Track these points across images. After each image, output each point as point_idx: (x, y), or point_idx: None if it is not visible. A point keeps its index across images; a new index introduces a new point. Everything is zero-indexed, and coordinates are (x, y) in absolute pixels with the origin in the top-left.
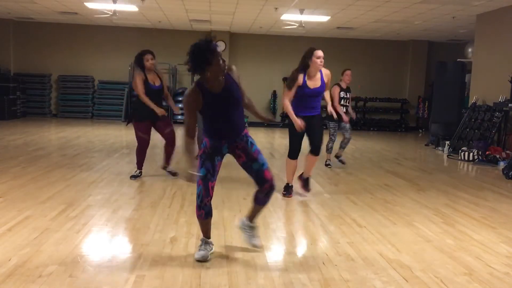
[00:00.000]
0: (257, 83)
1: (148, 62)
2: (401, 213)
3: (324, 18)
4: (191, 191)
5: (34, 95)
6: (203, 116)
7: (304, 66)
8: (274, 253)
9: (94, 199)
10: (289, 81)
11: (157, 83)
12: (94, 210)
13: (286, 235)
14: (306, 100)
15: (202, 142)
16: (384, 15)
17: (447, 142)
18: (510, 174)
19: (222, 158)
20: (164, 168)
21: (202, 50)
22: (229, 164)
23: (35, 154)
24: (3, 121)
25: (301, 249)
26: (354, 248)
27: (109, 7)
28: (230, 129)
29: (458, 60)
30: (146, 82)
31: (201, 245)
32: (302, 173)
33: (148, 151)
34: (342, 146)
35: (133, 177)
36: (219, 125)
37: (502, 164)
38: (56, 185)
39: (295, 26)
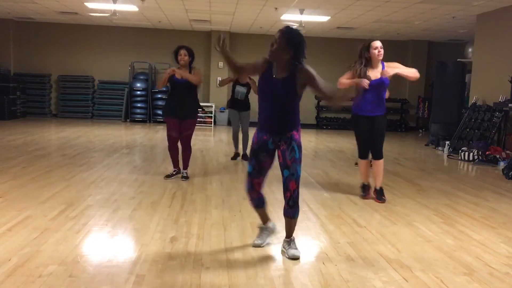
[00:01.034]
0: (257, 83)
1: (181, 56)
2: (401, 213)
3: (324, 18)
4: (191, 191)
5: (34, 95)
6: (258, 98)
7: (365, 61)
8: (274, 253)
9: (94, 199)
10: (351, 69)
11: (184, 78)
12: (94, 210)
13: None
14: (367, 95)
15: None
16: (384, 15)
17: (447, 142)
18: (510, 174)
19: (269, 154)
20: (181, 171)
21: (301, 35)
22: (229, 165)
23: (35, 154)
24: (3, 121)
25: (301, 249)
26: (354, 248)
27: (109, 7)
28: (275, 123)
29: (458, 60)
30: (172, 75)
31: (258, 234)
32: (374, 187)
33: (148, 151)
34: None
35: (168, 176)
36: (266, 113)
37: (502, 164)
38: (56, 185)
39: (295, 26)
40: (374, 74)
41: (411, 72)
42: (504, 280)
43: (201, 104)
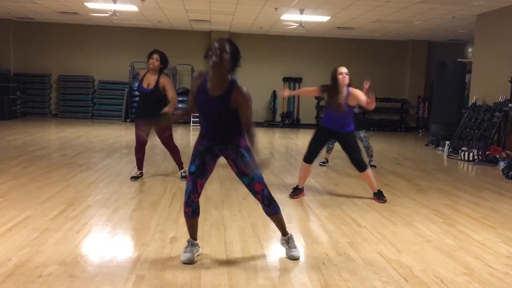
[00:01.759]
0: (257, 83)
1: (152, 60)
2: (401, 213)
3: (324, 18)
4: None
5: (34, 95)
6: (197, 110)
7: (333, 87)
8: (274, 253)
9: (94, 199)
10: (324, 87)
11: (151, 87)
12: (94, 210)
13: None
14: (332, 115)
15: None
16: (384, 15)
17: (447, 142)
18: (510, 174)
19: (214, 158)
20: (179, 171)
21: (214, 45)
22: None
23: (35, 154)
24: (3, 121)
25: (301, 249)
26: (354, 248)
27: (109, 7)
28: (217, 135)
29: (458, 60)
30: (140, 82)
31: (187, 247)
32: (374, 193)
33: (148, 151)
34: (368, 155)
35: (134, 178)
36: (207, 127)
37: (502, 164)
38: (56, 185)
39: (295, 26)
40: (339, 98)
41: (368, 104)
42: (504, 280)
43: None
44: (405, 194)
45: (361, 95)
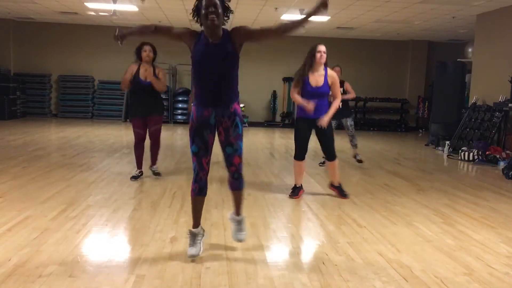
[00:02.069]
0: (257, 83)
1: (145, 53)
2: (401, 213)
3: (324, 18)
4: None
5: (34, 95)
6: (193, 72)
7: (308, 63)
8: (274, 253)
9: (94, 199)
10: (295, 76)
11: (149, 79)
12: (94, 210)
13: (286, 235)
14: (309, 99)
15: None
16: (384, 15)
17: (447, 142)
18: (510, 174)
19: (212, 130)
20: (150, 167)
21: None
22: None
23: (35, 154)
24: (3, 121)
25: (301, 249)
26: (354, 248)
27: (109, 7)
28: (217, 94)
29: (458, 60)
30: (136, 75)
31: (190, 240)
32: (331, 182)
33: (148, 151)
34: (352, 145)
35: (134, 177)
36: (205, 85)
37: (502, 164)
38: (56, 185)
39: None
40: (315, 77)
41: (336, 100)
42: (504, 280)
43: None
44: (405, 194)
45: (336, 79)
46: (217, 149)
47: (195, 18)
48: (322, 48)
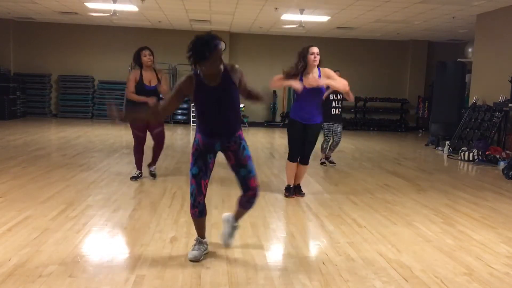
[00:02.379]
0: (257, 83)
1: (146, 57)
2: (401, 213)
3: (324, 18)
4: None
5: (34, 95)
6: (196, 110)
7: (301, 65)
8: (274, 253)
9: (94, 199)
10: (287, 70)
11: (153, 83)
12: (94, 210)
13: (286, 235)
14: (303, 102)
15: (195, 138)
16: (384, 15)
17: (447, 142)
18: (510, 174)
19: (215, 156)
20: (149, 166)
21: (202, 43)
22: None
23: (35, 154)
24: (3, 121)
25: (301, 249)
26: (354, 248)
27: (109, 7)
28: (223, 128)
29: (458, 60)
30: (140, 81)
31: (195, 245)
32: (296, 184)
33: (148, 151)
34: (331, 148)
35: (134, 178)
36: (211, 122)
37: (502, 164)
38: (56, 185)
39: (295, 26)
40: (309, 80)
41: (342, 85)
42: (504, 280)
43: None
44: (405, 194)
45: (333, 73)
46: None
47: (192, 65)
48: (315, 50)
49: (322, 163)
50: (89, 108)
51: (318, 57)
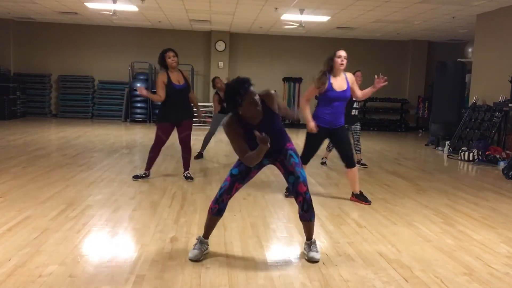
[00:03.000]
0: (257, 83)
1: (170, 59)
2: (401, 213)
3: (324, 18)
4: (191, 191)
5: (34, 95)
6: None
7: (329, 68)
8: (274, 253)
9: (94, 199)
10: (317, 79)
11: (182, 82)
12: (94, 210)
13: (286, 235)
14: (330, 107)
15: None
16: (384, 15)
17: (447, 142)
18: (510, 174)
19: (260, 168)
20: (184, 172)
21: (233, 92)
22: (229, 165)
23: (35, 154)
24: (3, 121)
25: (301, 249)
26: (354, 248)
27: (109, 7)
28: (271, 149)
29: (458, 60)
30: (169, 82)
31: (196, 244)
32: (353, 192)
33: (148, 151)
34: (357, 149)
35: (136, 177)
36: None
37: (502, 164)
38: (56, 185)
39: (295, 26)
40: (338, 82)
41: (376, 89)
42: (504, 280)
43: (202, 104)
44: (405, 194)
45: (354, 77)
46: (215, 150)
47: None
48: (342, 53)
49: (322, 163)
50: (89, 108)
51: (345, 61)
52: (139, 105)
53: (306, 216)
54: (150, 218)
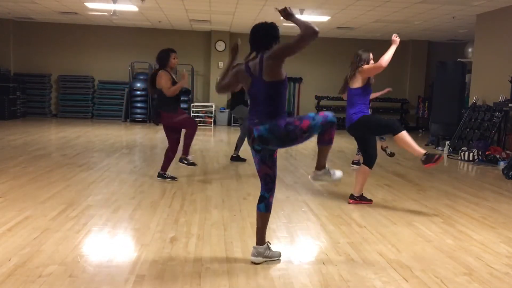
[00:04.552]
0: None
1: (175, 59)
2: (401, 213)
3: (324, 18)
4: (191, 191)
5: (34, 95)
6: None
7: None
8: None
9: (94, 199)
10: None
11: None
12: (94, 210)
13: (286, 235)
14: (367, 102)
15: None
16: (384, 15)
17: (447, 142)
18: (510, 174)
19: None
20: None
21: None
22: (229, 165)
23: (35, 154)
24: (3, 121)
25: (301, 249)
26: (354, 248)
27: (109, 7)
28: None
29: (458, 60)
30: (174, 81)
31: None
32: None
33: (148, 151)
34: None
35: (172, 178)
36: None
37: (502, 164)
38: (56, 185)
39: (295, 25)
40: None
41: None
42: (504, 280)
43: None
44: (405, 194)
45: None
46: (215, 150)
47: None
48: (371, 55)
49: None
50: (89, 108)
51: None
52: (139, 105)
53: (321, 139)
54: (150, 218)
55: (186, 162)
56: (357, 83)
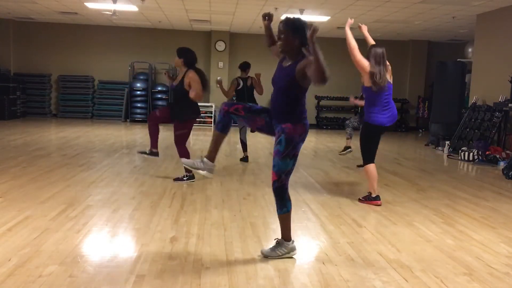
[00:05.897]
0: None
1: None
2: (401, 213)
3: (324, 18)
4: (191, 191)
5: (34, 95)
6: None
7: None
8: None
9: (94, 199)
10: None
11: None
12: (94, 210)
13: None
14: (383, 99)
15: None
16: (384, 15)
17: (447, 142)
18: (510, 174)
19: (267, 120)
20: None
21: (301, 20)
22: (229, 165)
23: (35, 154)
24: (3, 121)
25: (301, 249)
26: (354, 248)
27: (109, 7)
28: (273, 109)
29: (458, 60)
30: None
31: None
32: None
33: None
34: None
35: (189, 177)
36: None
37: (502, 164)
38: (56, 185)
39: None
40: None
41: None
42: (504, 280)
43: (202, 104)
44: (405, 194)
45: None
46: (219, 150)
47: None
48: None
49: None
50: (89, 108)
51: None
52: (139, 105)
53: (276, 204)
54: (150, 218)
55: (148, 153)
56: (364, 81)
